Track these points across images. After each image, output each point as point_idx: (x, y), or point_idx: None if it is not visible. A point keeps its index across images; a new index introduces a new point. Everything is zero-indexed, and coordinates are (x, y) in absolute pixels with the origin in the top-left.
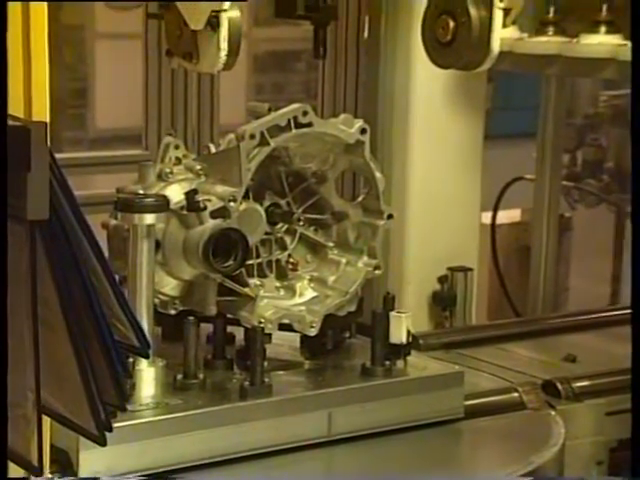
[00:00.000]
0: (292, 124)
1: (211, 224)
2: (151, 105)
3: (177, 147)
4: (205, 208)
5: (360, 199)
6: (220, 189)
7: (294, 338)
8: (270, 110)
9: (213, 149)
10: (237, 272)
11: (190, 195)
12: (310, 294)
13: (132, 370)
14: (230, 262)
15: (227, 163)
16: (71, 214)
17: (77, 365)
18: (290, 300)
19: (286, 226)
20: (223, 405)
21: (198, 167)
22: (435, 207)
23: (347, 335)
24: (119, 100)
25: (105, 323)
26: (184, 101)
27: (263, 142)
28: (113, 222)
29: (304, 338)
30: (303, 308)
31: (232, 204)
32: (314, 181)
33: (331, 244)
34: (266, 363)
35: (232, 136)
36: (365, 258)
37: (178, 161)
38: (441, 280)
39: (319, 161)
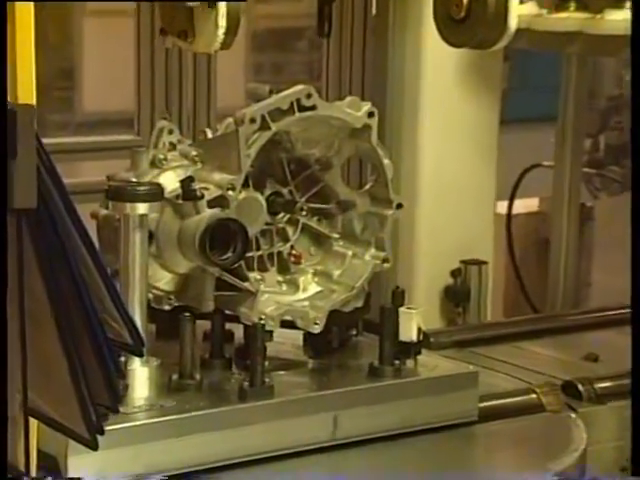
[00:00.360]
0: (295, 107)
1: (208, 214)
2: (143, 87)
3: (171, 132)
4: (202, 197)
5: (367, 187)
6: (218, 177)
7: (297, 336)
8: (271, 92)
9: (210, 134)
10: (236, 265)
11: (186, 183)
12: (314, 289)
13: (125, 370)
14: (229, 254)
15: (225, 149)
16: (60, 203)
17: (67, 364)
18: (293, 295)
19: (288, 216)
20: (221, 407)
21: (194, 153)
22: (447, 196)
23: (353, 333)
24: (109, 82)
25: (96, 319)
26: (179, 83)
27: (264, 126)
28: (103, 212)
29: (307, 336)
30: (306, 304)
31: (231, 192)
32: (318, 168)
33: (336, 235)
34: (267, 362)
35: (230, 120)
36: (373, 250)
37: (172, 147)
38: (454, 274)
39: (323, 147)
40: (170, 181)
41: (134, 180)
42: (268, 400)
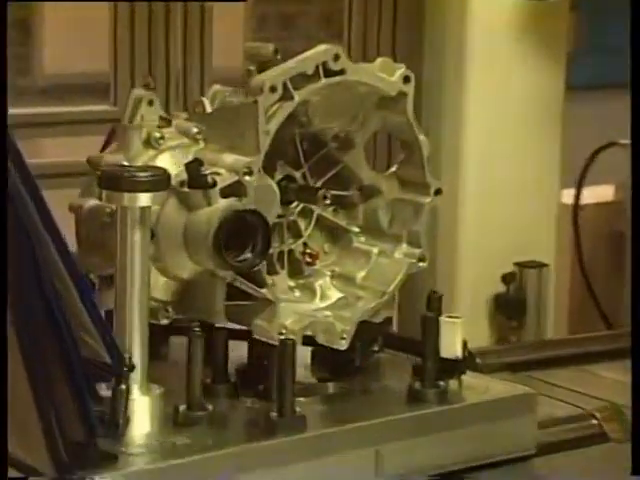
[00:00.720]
0: (321, 71)
1: (222, 205)
2: (121, 45)
3: (151, 103)
4: (215, 184)
5: (394, 169)
6: (230, 158)
7: (304, 353)
8: (277, 52)
9: (208, 105)
10: (256, 268)
11: (193, 167)
12: (334, 295)
13: (125, 400)
14: (247, 255)
15: (236, 124)
16: (24, 191)
17: (30, 389)
18: (309, 303)
19: (301, 206)
20: (247, 444)
21: (195, 130)
22: (499, 181)
23: (375, 348)
24: (76, 37)
25: (69, 333)
26: (165, 39)
27: (285, 96)
28: (89, 203)
29: (320, 354)
30: (329, 314)
31: (247, 178)
32: (336, 146)
33: (356, 229)
34: None
35: (218, 87)
36: (404, 246)
37: (167, 122)
38: (506, 279)
39: (345, 120)
40: (169, 165)
41: (133, 165)
42: (302, 434)
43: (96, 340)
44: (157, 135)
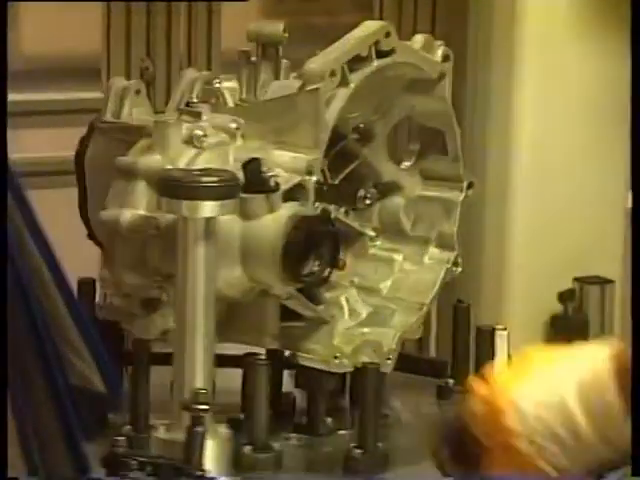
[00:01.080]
0: (373, 52)
1: (287, 211)
2: (115, 21)
3: (138, 92)
4: (278, 187)
5: (414, 161)
6: (285, 157)
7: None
8: (285, 31)
9: (229, 97)
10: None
11: (253, 168)
12: (363, 310)
13: (201, 445)
14: (313, 267)
15: (286, 116)
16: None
17: (13, 418)
18: (340, 320)
19: (320, 208)
20: None
21: (234, 125)
22: (554, 180)
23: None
24: (62, 11)
25: (56, 357)
26: (167, 17)
27: (342, 82)
28: (127, 214)
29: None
30: (367, 331)
31: (308, 178)
32: (355, 138)
33: (371, 232)
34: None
35: (196, 74)
36: (432, 250)
37: (197, 116)
38: (564, 297)
39: (369, 108)
40: (213, 165)
41: (196, 169)
42: (390, 471)
43: (89, 365)
44: (199, 132)
